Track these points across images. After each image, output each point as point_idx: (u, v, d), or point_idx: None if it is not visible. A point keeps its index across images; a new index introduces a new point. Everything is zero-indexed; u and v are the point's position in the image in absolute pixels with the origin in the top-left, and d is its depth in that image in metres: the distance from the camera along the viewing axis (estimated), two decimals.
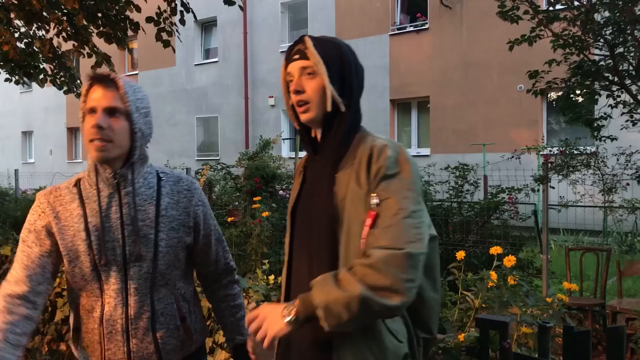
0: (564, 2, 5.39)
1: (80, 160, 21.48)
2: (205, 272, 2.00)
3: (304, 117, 1.59)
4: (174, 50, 6.13)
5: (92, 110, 1.66)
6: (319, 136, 1.64)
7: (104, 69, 1.77)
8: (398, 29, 14.37)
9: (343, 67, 1.59)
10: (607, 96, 5.31)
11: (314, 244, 1.56)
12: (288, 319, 1.38)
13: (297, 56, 1.59)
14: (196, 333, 1.90)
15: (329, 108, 1.56)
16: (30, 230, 1.76)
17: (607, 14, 5.04)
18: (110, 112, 1.65)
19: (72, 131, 22.33)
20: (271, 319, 1.40)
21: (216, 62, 17.87)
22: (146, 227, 1.74)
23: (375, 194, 1.44)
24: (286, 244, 1.70)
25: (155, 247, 1.74)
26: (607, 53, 5.07)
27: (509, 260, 2.68)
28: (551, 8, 5.54)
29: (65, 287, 1.89)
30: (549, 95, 11.29)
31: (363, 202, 1.46)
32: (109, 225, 1.72)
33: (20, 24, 6.21)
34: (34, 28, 6.07)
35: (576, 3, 5.20)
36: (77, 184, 1.78)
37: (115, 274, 1.72)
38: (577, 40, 5.11)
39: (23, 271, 1.72)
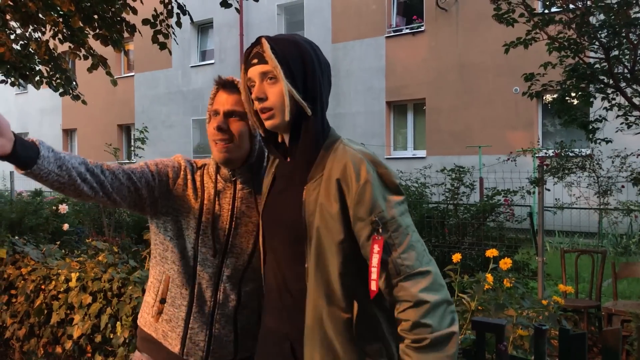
0: (559, 5, 5.41)
1: None
2: None
3: (268, 124, 1.52)
4: (170, 53, 6.13)
5: (216, 113, 1.78)
6: (286, 140, 1.58)
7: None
8: (394, 31, 14.40)
9: (305, 68, 1.50)
10: (602, 99, 5.34)
11: (280, 255, 1.58)
12: None
13: (255, 60, 1.51)
14: None
15: (287, 117, 1.49)
16: (158, 163, 1.83)
17: (602, 17, 5.07)
18: (231, 115, 1.75)
19: (68, 133, 22.29)
20: None
21: (212, 63, 17.86)
22: (252, 224, 1.83)
23: (374, 218, 1.40)
24: (260, 245, 1.71)
25: (254, 244, 1.82)
26: (602, 56, 5.10)
27: (505, 263, 2.68)
28: (546, 11, 5.57)
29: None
30: (544, 98, 11.33)
31: (336, 220, 1.43)
32: (220, 214, 1.82)
33: (16, 26, 6.20)
34: (29, 30, 6.06)
35: (571, 6, 5.23)
36: (202, 168, 1.90)
37: (213, 259, 1.81)
38: (572, 43, 5.14)
39: (119, 168, 1.70)
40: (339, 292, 1.44)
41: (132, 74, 19.78)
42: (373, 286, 1.39)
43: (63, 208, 8.04)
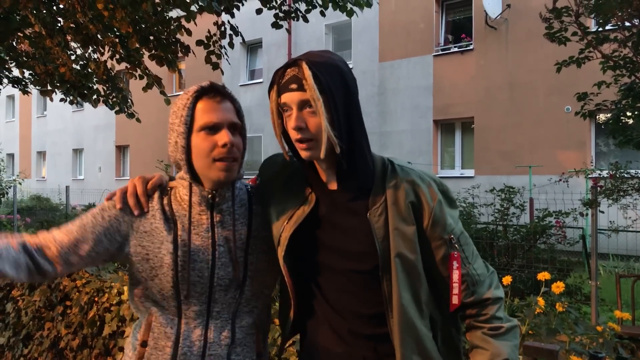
0: (614, 23, 5.30)
1: (128, 178, 22.02)
2: None
3: (306, 155, 1.41)
4: (222, 72, 6.28)
5: (213, 128, 1.49)
6: (320, 166, 1.50)
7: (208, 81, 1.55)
8: (442, 50, 14.33)
9: (348, 95, 1.41)
10: None
11: (345, 282, 1.49)
12: None
13: (294, 85, 1.37)
14: None
15: (322, 155, 1.38)
16: (105, 210, 1.59)
17: None
18: (234, 127, 1.52)
19: (121, 149, 22.97)
20: None
21: (261, 82, 18.16)
22: (237, 250, 1.58)
23: (450, 236, 1.45)
24: (286, 273, 1.53)
25: (244, 271, 1.59)
26: None
27: (558, 287, 2.62)
28: (600, 29, 5.45)
29: (125, 297, 1.68)
30: (597, 117, 11.04)
31: (413, 242, 1.43)
32: (199, 243, 1.56)
33: (76, 47, 6.48)
34: (89, 51, 6.31)
35: (627, 24, 5.11)
36: (169, 193, 1.63)
37: (198, 295, 1.56)
38: (628, 62, 5.01)
39: (66, 238, 1.52)
40: (426, 312, 1.49)
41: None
42: (455, 300, 1.46)
43: None
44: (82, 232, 1.53)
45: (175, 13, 6.31)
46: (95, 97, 6.84)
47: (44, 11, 5.90)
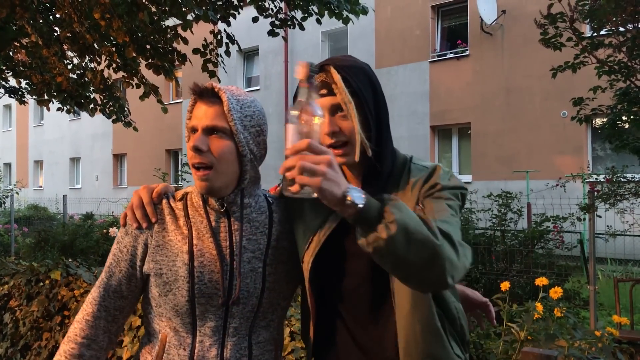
0: (608, 28, 5.33)
1: (125, 186, 22.01)
2: None
3: (341, 161, 1.39)
4: (219, 80, 6.29)
5: (194, 130, 1.43)
6: (349, 173, 1.49)
7: (208, 82, 1.44)
8: (438, 56, 14.38)
9: (376, 98, 1.41)
10: None
11: (354, 298, 1.47)
12: (357, 200, 1.09)
13: (324, 91, 1.37)
14: None
15: (357, 158, 1.37)
16: (121, 246, 1.55)
17: None
18: (212, 131, 1.41)
19: (118, 157, 22.96)
20: (336, 180, 1.08)
21: (258, 90, 18.17)
22: (255, 259, 1.49)
23: (423, 193, 1.37)
24: (308, 288, 1.50)
25: (262, 282, 1.50)
26: None
27: (556, 292, 2.63)
28: (595, 34, 5.48)
29: (144, 313, 1.60)
30: (593, 122, 11.08)
31: None
32: (216, 253, 1.46)
33: (73, 56, 6.49)
34: (86, 60, 6.33)
35: (621, 29, 5.14)
36: (184, 198, 1.55)
37: (215, 310, 1.46)
38: (623, 67, 5.04)
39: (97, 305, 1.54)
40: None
41: (180, 100, 20.29)
42: None
43: (113, 231, 8.25)
44: (111, 280, 1.52)
45: (171, 22, 6.34)
46: (92, 106, 6.85)
47: (41, 21, 5.91)
